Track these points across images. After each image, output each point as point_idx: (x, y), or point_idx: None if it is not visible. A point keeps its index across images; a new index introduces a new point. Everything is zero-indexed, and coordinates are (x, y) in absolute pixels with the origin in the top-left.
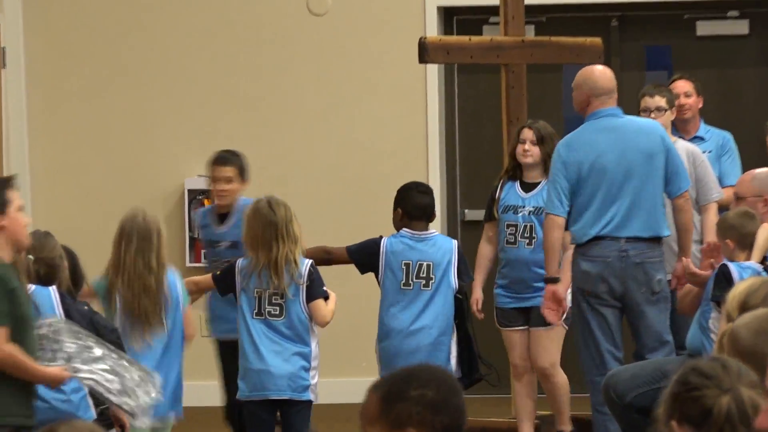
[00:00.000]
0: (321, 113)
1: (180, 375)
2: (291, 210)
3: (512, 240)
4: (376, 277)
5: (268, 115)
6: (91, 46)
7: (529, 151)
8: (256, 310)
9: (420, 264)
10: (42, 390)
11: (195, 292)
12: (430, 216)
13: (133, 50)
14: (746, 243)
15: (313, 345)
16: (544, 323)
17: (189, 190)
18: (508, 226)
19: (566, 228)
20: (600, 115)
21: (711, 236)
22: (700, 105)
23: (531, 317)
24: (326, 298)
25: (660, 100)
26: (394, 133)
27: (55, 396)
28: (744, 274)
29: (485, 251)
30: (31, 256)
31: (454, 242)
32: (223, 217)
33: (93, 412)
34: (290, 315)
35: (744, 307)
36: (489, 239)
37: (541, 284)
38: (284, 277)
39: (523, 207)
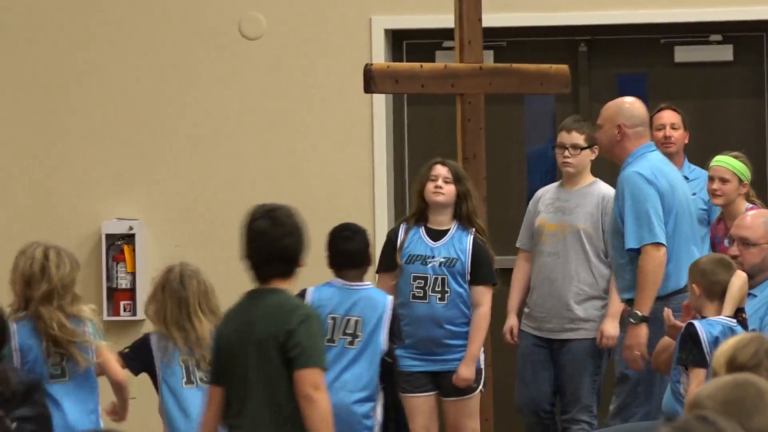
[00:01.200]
0: (256, 149)
1: None
2: (203, 279)
3: (421, 294)
4: None
5: (198, 149)
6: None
7: (442, 189)
8: (184, 379)
9: (348, 319)
10: None
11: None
12: (360, 263)
13: (47, 70)
14: (715, 292)
15: None
16: (462, 392)
17: (107, 235)
18: (416, 278)
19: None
20: (651, 148)
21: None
22: (686, 140)
23: (443, 384)
24: None
25: (577, 137)
26: (338, 169)
27: None
28: (713, 330)
29: None
30: None
31: (389, 298)
32: None
33: None
34: None
35: (732, 364)
36: (387, 290)
37: (454, 342)
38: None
39: (433, 257)
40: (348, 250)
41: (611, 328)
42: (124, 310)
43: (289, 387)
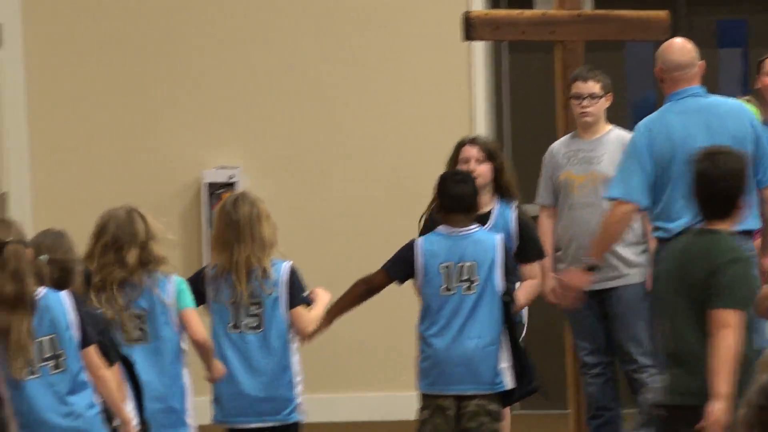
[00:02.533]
0: (354, 99)
1: None
2: (261, 208)
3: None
4: (414, 284)
5: (298, 98)
6: (97, 24)
7: (476, 171)
8: (231, 323)
9: (461, 265)
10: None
11: None
12: (468, 208)
13: (145, 28)
14: None
15: (294, 359)
16: None
17: (208, 184)
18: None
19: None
20: (682, 96)
21: None
22: None
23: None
24: (309, 304)
25: (594, 86)
26: (436, 119)
27: (63, 409)
28: None
29: None
30: (44, 257)
31: (498, 237)
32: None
33: (103, 431)
34: (269, 327)
35: None
36: None
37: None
38: (251, 285)
39: None
40: (460, 194)
41: None
42: None
43: (702, 324)
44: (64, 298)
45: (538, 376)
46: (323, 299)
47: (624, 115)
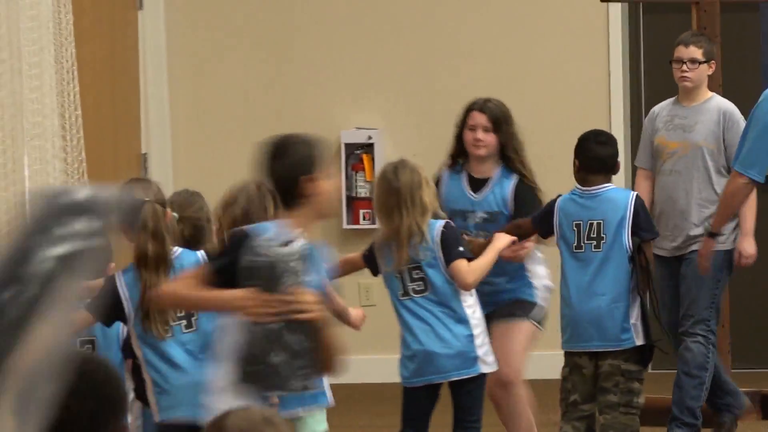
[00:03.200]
0: (490, 60)
1: None
2: (421, 174)
3: None
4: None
5: (434, 58)
6: None
7: (482, 141)
8: (401, 291)
9: (590, 223)
10: (183, 360)
11: (346, 272)
12: (609, 169)
13: None
14: None
15: (469, 311)
16: (510, 317)
17: (346, 144)
18: None
19: None
20: None
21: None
22: None
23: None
24: (469, 258)
25: (695, 51)
26: (573, 79)
27: (199, 370)
28: None
29: None
30: (175, 215)
31: (633, 194)
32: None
33: None
34: (435, 287)
35: None
36: None
37: (498, 297)
38: (411, 250)
39: (473, 212)
40: (602, 155)
41: (748, 246)
42: (363, 219)
43: None
44: (198, 257)
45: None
46: (496, 245)
47: (758, 78)
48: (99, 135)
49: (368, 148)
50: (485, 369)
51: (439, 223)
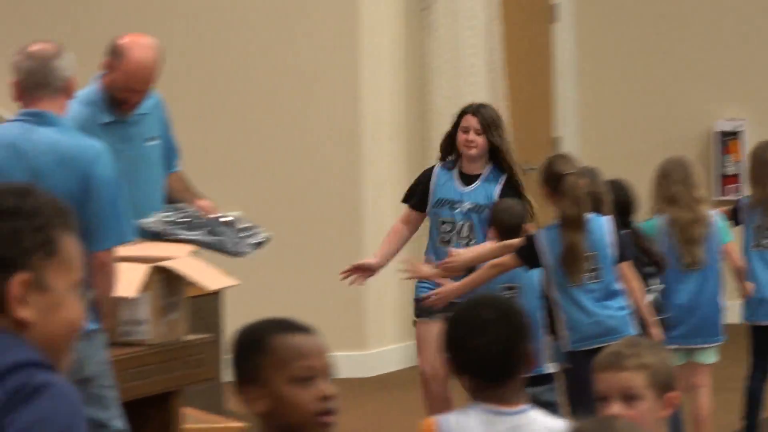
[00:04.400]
0: None
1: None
2: None
3: (447, 239)
4: None
5: None
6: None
7: (474, 142)
8: (754, 243)
9: None
10: (590, 305)
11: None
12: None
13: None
14: None
15: None
16: None
17: (718, 132)
18: (443, 222)
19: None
20: None
21: None
22: None
23: None
24: None
25: None
26: None
27: (601, 312)
28: None
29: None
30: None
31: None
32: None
33: (633, 330)
34: None
35: None
36: (407, 222)
37: None
38: None
39: (461, 203)
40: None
41: None
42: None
43: None
44: (606, 222)
45: None
46: None
47: None
48: (521, 123)
49: (735, 135)
50: None
51: None
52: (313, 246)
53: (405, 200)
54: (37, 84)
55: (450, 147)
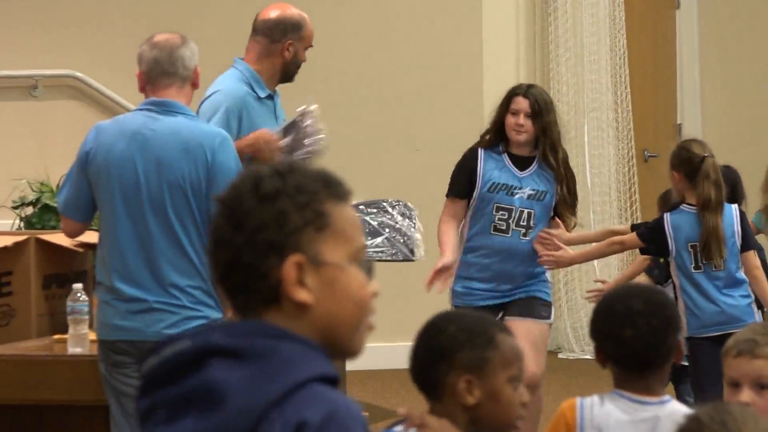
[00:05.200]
0: None
1: None
2: None
3: (503, 227)
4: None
5: None
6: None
7: (523, 126)
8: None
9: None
10: (714, 293)
11: None
12: None
13: None
14: None
15: None
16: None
17: None
18: (499, 209)
19: None
20: None
21: None
22: None
23: (509, 308)
24: None
25: None
26: None
27: (725, 300)
28: None
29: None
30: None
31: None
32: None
33: (756, 318)
34: None
35: None
36: (454, 215)
37: (529, 282)
38: None
39: (521, 188)
40: None
41: None
42: None
43: None
44: (734, 210)
45: None
46: None
47: None
48: (643, 109)
49: None
50: None
51: None
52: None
53: (449, 193)
54: (163, 73)
55: (499, 131)
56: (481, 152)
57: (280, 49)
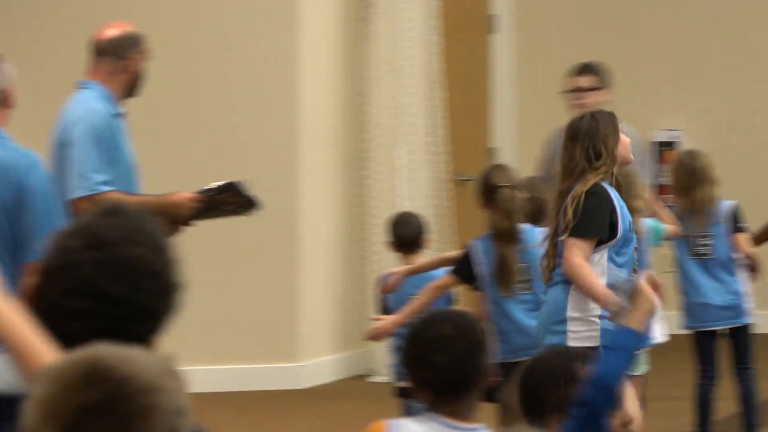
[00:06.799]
0: None
1: None
2: (710, 159)
3: (635, 268)
4: None
5: (734, 77)
6: (586, 14)
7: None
8: (688, 252)
9: None
10: (520, 316)
11: None
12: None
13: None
14: None
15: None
16: None
17: (655, 143)
18: (635, 249)
19: None
20: None
21: None
22: None
23: None
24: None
25: None
26: None
27: (532, 323)
28: None
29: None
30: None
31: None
32: None
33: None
34: (719, 252)
35: None
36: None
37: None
38: (706, 219)
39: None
40: None
41: None
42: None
43: None
44: (538, 233)
45: None
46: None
47: None
48: (458, 133)
49: (671, 146)
50: (751, 320)
51: (729, 203)
52: (248, 255)
53: (593, 234)
54: None
55: (611, 155)
56: (608, 188)
57: (126, 65)
